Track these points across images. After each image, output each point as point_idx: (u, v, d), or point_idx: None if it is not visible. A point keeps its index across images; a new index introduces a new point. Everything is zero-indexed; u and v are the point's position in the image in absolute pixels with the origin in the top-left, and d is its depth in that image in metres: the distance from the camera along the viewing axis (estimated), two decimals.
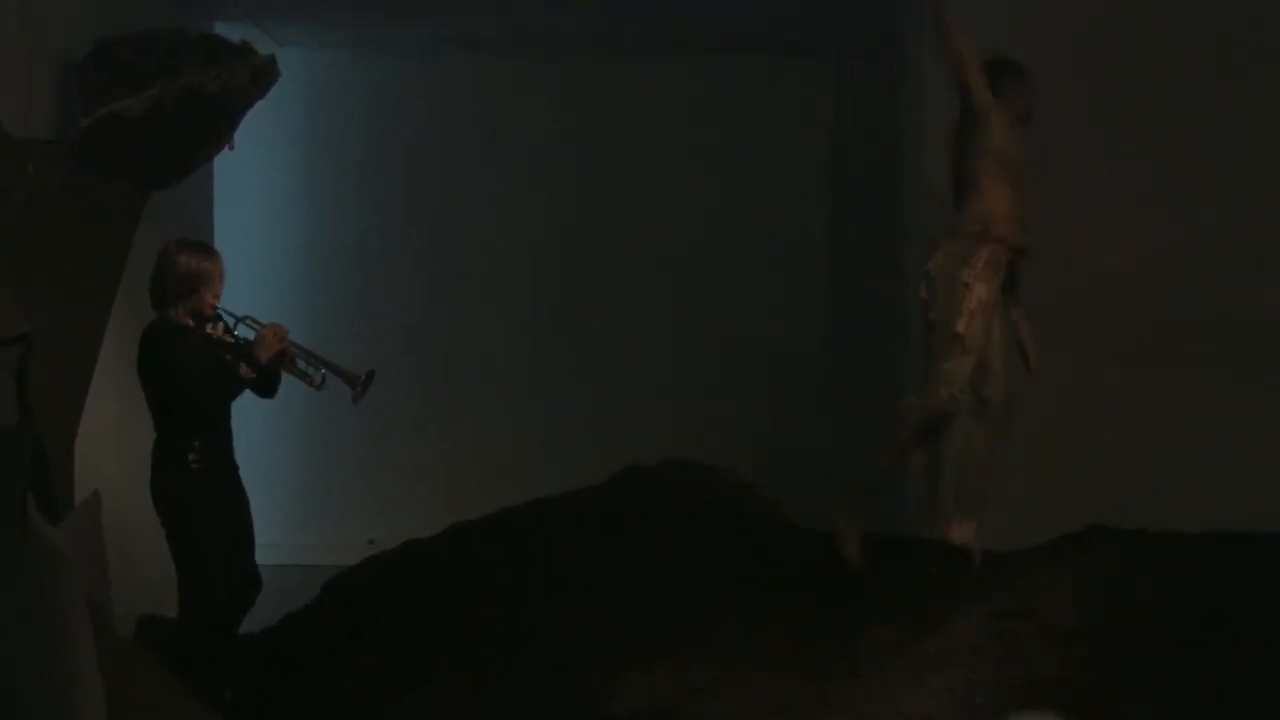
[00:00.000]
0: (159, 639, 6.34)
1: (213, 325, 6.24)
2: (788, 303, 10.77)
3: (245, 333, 6.31)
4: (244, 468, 6.37)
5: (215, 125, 6.96)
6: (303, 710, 5.79)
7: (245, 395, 6.36)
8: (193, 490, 6.10)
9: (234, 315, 6.32)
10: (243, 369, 6.23)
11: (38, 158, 6.37)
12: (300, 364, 6.38)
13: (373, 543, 8.88)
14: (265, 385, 6.36)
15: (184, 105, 6.72)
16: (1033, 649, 5.31)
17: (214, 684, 5.88)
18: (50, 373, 5.97)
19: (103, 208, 6.75)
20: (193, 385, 6.08)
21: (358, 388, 6.41)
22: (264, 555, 6.45)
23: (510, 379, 10.85)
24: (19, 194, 6.24)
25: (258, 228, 10.67)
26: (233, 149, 7.25)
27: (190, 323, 6.18)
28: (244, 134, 7.23)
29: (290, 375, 6.40)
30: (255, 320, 6.35)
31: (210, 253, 6.32)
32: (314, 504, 10.61)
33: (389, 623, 6.16)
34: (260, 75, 6.93)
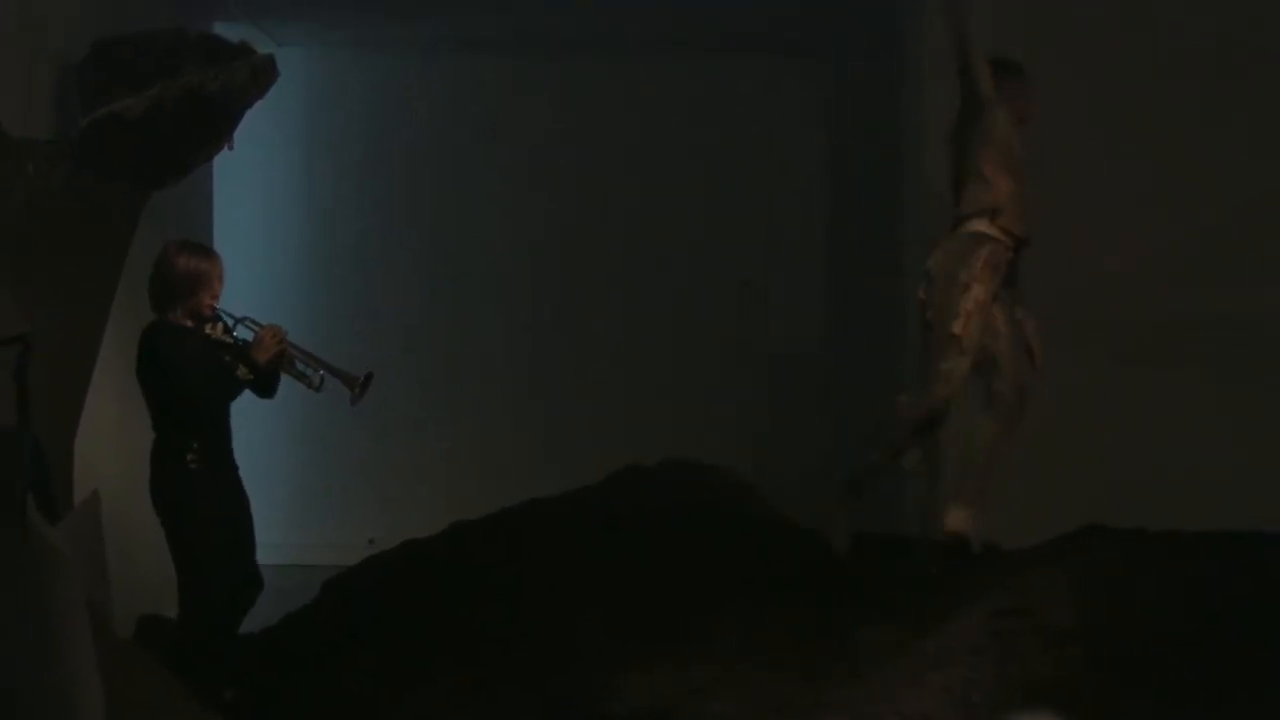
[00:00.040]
0: (159, 639, 6.34)
1: (212, 326, 6.25)
2: (788, 303, 10.78)
3: (244, 334, 6.31)
4: (244, 468, 6.37)
5: (215, 125, 6.96)
6: (303, 710, 5.78)
7: (245, 395, 6.36)
8: (192, 490, 6.11)
9: (233, 316, 6.33)
10: (241, 370, 6.23)
11: (38, 158, 6.38)
12: (298, 365, 6.38)
13: (373, 542, 8.85)
14: (264, 386, 6.36)
15: (184, 105, 6.73)
16: (1031, 648, 5.29)
17: (214, 684, 5.88)
18: (50, 373, 5.97)
19: (103, 208, 6.75)
20: (191, 386, 6.08)
21: (356, 390, 6.42)
22: (264, 555, 6.45)
23: (510, 379, 10.85)
24: (19, 194, 6.25)
25: (257, 228, 10.67)
26: (232, 149, 7.25)
27: (189, 323, 6.19)
28: (243, 134, 7.23)
29: (289, 376, 6.40)
30: (254, 321, 6.35)
31: (209, 254, 6.33)
32: (314, 504, 10.61)
33: (389, 623, 6.15)
34: (260, 75, 6.93)
